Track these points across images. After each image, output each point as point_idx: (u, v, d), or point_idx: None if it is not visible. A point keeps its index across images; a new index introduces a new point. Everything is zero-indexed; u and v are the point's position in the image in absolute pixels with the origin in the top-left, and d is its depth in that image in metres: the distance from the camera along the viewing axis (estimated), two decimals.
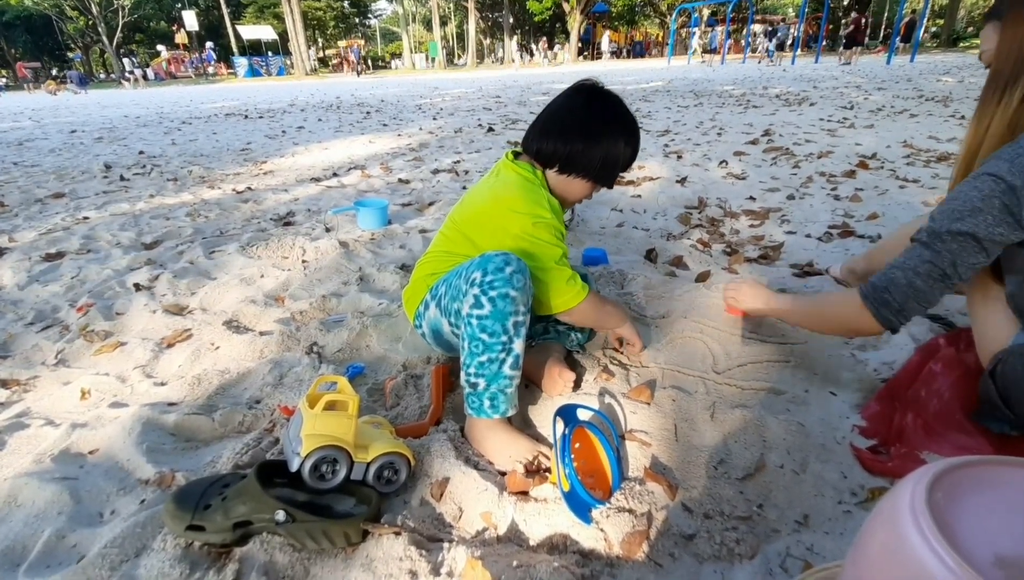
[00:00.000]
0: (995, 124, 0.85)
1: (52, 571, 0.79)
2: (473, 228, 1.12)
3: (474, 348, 0.95)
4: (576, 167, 1.10)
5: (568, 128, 1.09)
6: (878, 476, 0.91)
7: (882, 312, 0.89)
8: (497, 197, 1.10)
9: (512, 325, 0.94)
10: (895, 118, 4.80)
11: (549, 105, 1.14)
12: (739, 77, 11.76)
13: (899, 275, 0.87)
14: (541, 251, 1.04)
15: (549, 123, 1.11)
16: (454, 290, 1.02)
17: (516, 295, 0.94)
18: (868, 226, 2.12)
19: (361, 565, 0.77)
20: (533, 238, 1.04)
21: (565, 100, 1.13)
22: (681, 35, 31.40)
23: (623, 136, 1.10)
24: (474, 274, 0.96)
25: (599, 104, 1.11)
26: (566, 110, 1.11)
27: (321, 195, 3.05)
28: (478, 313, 0.94)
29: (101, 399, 1.23)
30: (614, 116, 1.11)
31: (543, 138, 1.10)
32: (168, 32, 38.79)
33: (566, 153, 1.08)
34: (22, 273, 1.98)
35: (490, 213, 1.10)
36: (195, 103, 11.25)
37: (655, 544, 0.79)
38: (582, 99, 1.11)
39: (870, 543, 0.50)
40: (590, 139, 1.08)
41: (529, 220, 1.04)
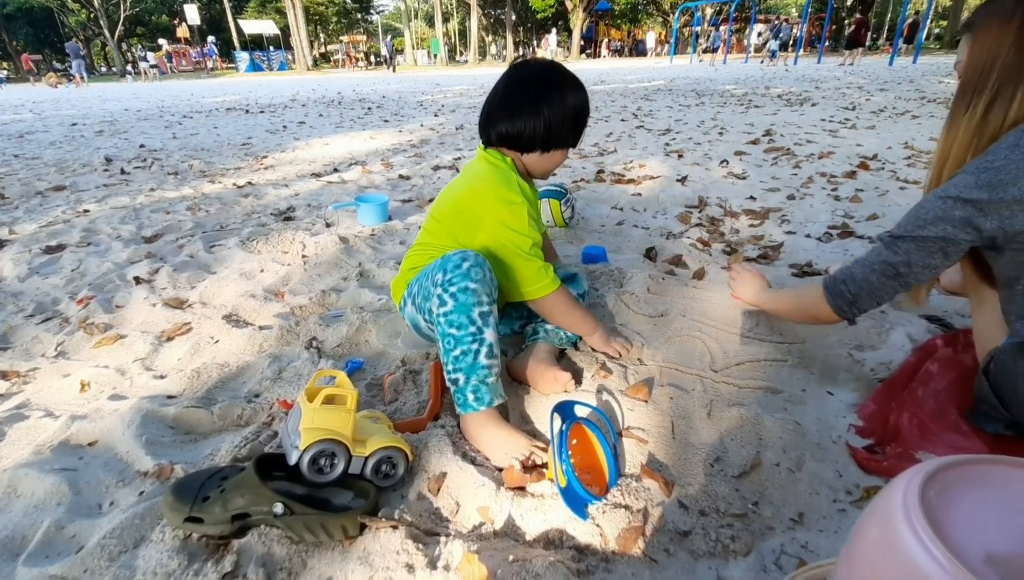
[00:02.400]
0: (962, 133, 0.89)
1: (51, 561, 0.79)
2: (451, 219, 1.17)
3: (447, 345, 0.99)
4: (554, 141, 1.15)
5: (533, 104, 1.11)
6: (873, 475, 0.91)
7: (837, 302, 0.97)
8: (471, 188, 1.14)
9: (478, 315, 0.97)
10: (897, 119, 4.80)
11: (498, 91, 1.16)
12: (741, 77, 11.74)
13: (857, 270, 0.95)
14: (514, 240, 1.08)
15: (510, 106, 1.13)
16: (425, 290, 1.07)
17: (476, 286, 0.98)
18: (868, 227, 2.13)
19: (358, 558, 0.77)
20: (506, 227, 1.08)
21: (515, 79, 1.15)
22: (683, 34, 31.34)
23: (576, 93, 1.14)
24: (436, 275, 1.01)
25: (546, 72, 1.14)
26: (520, 88, 1.14)
27: (321, 190, 3.05)
28: (443, 310, 0.98)
29: (101, 391, 1.23)
30: (561, 77, 1.14)
31: (511, 123, 1.13)
32: (169, 26, 38.70)
33: (544, 130, 1.12)
34: (22, 265, 1.99)
35: (466, 203, 1.14)
36: (196, 97, 11.24)
37: (651, 540, 0.79)
38: (528, 72, 1.15)
39: (863, 540, 0.50)
40: (555, 107, 1.11)
41: (503, 207, 1.08)
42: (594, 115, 5.90)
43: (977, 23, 0.88)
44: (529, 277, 1.10)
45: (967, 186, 0.82)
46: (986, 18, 0.86)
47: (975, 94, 0.86)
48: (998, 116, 0.84)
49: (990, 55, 0.84)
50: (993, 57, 0.84)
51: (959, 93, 0.90)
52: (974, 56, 0.87)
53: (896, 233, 0.91)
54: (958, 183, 0.84)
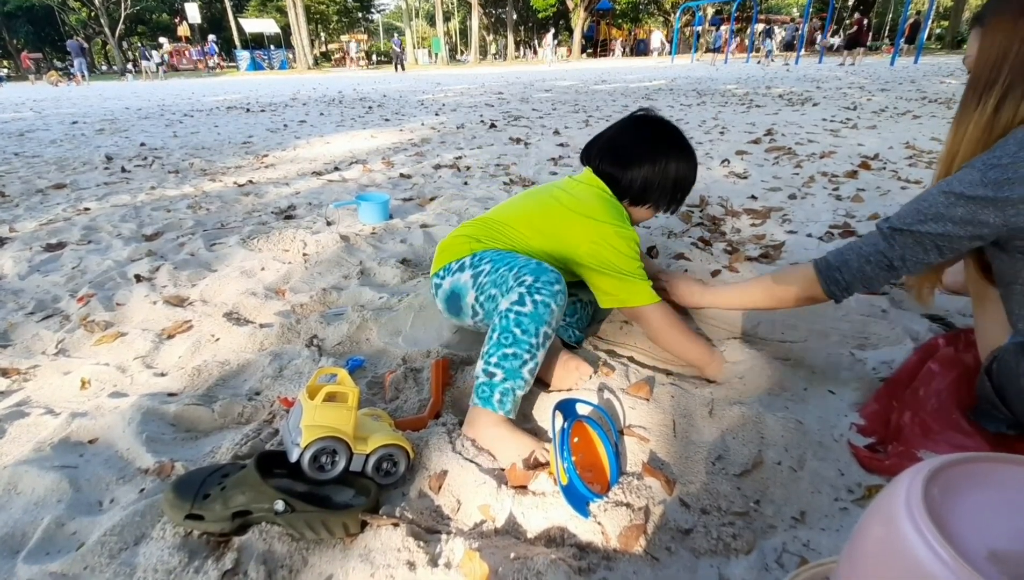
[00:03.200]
0: (972, 128, 0.87)
1: (52, 558, 0.79)
2: (543, 226, 1.16)
3: (503, 339, 0.97)
4: (646, 198, 1.19)
5: (637, 157, 1.16)
6: (875, 474, 0.91)
7: (830, 287, 0.97)
8: (580, 205, 1.15)
9: (543, 334, 0.97)
10: (898, 119, 4.79)
11: (613, 130, 1.22)
12: (742, 76, 11.74)
13: (852, 258, 0.95)
14: (619, 258, 1.10)
15: (616, 150, 1.19)
16: (499, 278, 1.05)
17: (555, 309, 0.98)
18: (869, 226, 2.12)
19: (359, 555, 0.77)
20: (613, 248, 1.10)
21: (630, 128, 1.21)
22: (684, 33, 31.33)
23: (686, 161, 1.19)
24: (526, 277, 1.00)
25: (662, 132, 1.20)
26: (632, 137, 1.19)
27: (322, 189, 3.05)
28: (519, 309, 0.97)
29: (101, 389, 1.23)
30: (677, 142, 1.19)
31: (614, 166, 1.18)
32: (170, 24, 38.71)
33: (639, 184, 1.17)
34: (23, 263, 1.99)
35: (569, 220, 1.14)
36: (196, 96, 11.23)
37: (652, 538, 0.79)
38: (648, 130, 1.20)
39: (866, 538, 0.50)
40: (658, 168, 1.16)
41: (611, 228, 1.11)
42: (595, 115, 5.90)
43: (988, 16, 0.86)
44: (633, 288, 1.11)
45: (972, 183, 0.81)
46: (998, 12, 0.85)
47: (986, 89, 0.85)
48: (1009, 112, 0.83)
49: (1001, 50, 0.83)
50: (1004, 52, 0.82)
51: (969, 88, 0.88)
52: (985, 51, 0.85)
53: (895, 225, 0.89)
54: (963, 179, 0.82)
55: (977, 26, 0.88)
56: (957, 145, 0.89)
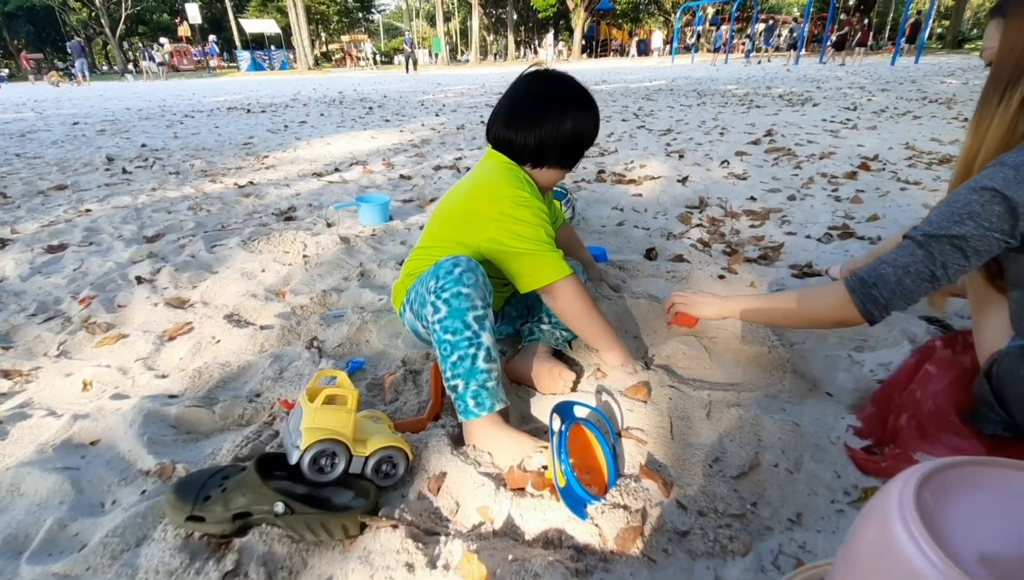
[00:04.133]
0: (995, 125, 0.83)
1: (54, 559, 0.80)
2: (456, 219, 1.15)
3: (444, 351, 0.97)
4: (545, 159, 1.13)
5: (530, 118, 1.10)
6: (872, 476, 0.91)
7: (868, 307, 0.89)
8: (478, 185, 1.13)
9: (472, 319, 0.96)
10: (898, 120, 4.79)
11: (507, 94, 1.16)
12: (742, 77, 11.73)
13: (889, 272, 0.87)
14: (522, 230, 1.05)
15: (510, 114, 1.13)
16: (420, 298, 1.05)
17: (469, 291, 0.96)
18: (868, 228, 2.13)
19: (359, 557, 0.78)
20: (513, 218, 1.05)
21: (521, 89, 1.15)
22: (685, 34, 31.32)
23: (585, 115, 1.12)
24: (429, 282, 1.00)
25: (555, 88, 1.13)
26: (524, 98, 1.13)
27: (322, 190, 3.06)
28: (438, 317, 0.97)
29: (103, 390, 1.24)
30: (573, 97, 1.12)
31: (508, 130, 1.12)
32: (171, 24, 38.73)
33: (534, 145, 1.11)
34: (24, 264, 1.99)
35: (472, 200, 1.12)
36: (197, 97, 11.24)
37: (649, 540, 0.80)
38: (538, 84, 1.14)
39: (860, 541, 0.50)
40: (553, 127, 1.10)
41: (508, 201, 1.06)
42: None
43: (1011, 7, 0.82)
44: (539, 263, 1.05)
45: (1007, 181, 0.76)
46: (1020, 3, 0.81)
47: (1010, 84, 0.81)
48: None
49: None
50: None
51: (991, 82, 0.84)
52: (1008, 43, 0.81)
53: (929, 232, 0.83)
54: (995, 176, 0.78)
55: (998, 17, 0.84)
56: (979, 142, 0.85)
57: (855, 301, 0.90)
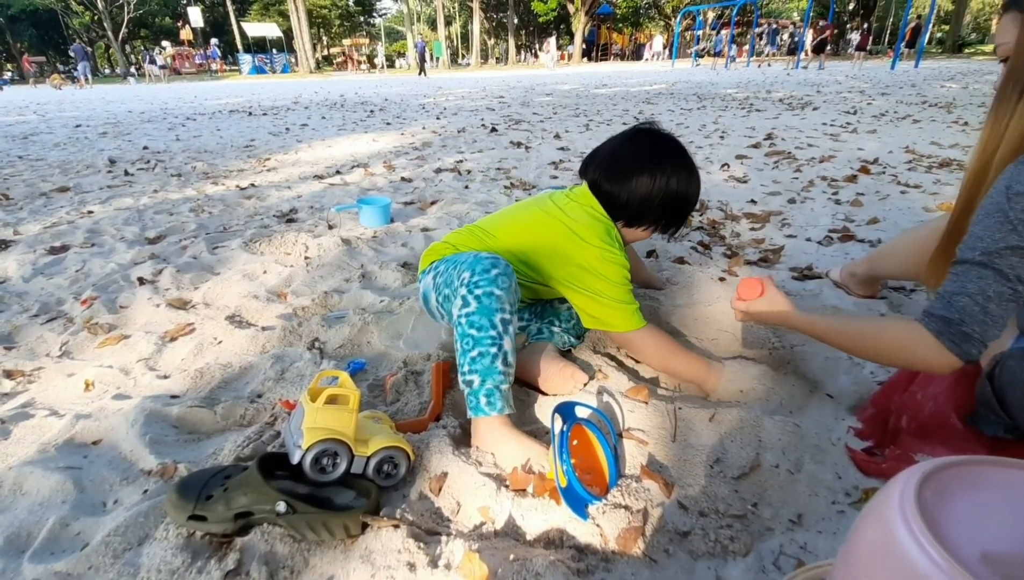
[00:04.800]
0: (1014, 124, 0.79)
1: (56, 558, 0.80)
2: (529, 239, 1.13)
3: (465, 345, 0.97)
4: (644, 220, 1.13)
5: (633, 177, 1.09)
6: (872, 477, 0.91)
7: (965, 348, 0.79)
8: (571, 225, 1.10)
9: (499, 321, 0.96)
10: (898, 123, 4.80)
11: (612, 147, 1.15)
12: (743, 80, 11.76)
13: (968, 303, 0.78)
14: (603, 285, 1.07)
15: (612, 167, 1.11)
16: (447, 277, 1.05)
17: (501, 294, 0.97)
18: (869, 230, 2.13)
19: (360, 557, 0.78)
20: (597, 271, 1.07)
21: (630, 144, 1.14)
22: (685, 38, 31.41)
23: (689, 179, 1.11)
24: (464, 273, 0.99)
25: (663, 149, 1.12)
26: (630, 155, 1.12)
27: (324, 192, 3.07)
28: (466, 312, 0.97)
29: (105, 391, 1.24)
30: (678, 159, 1.11)
31: (611, 184, 1.11)
32: (173, 28, 38.88)
33: (636, 205, 1.10)
34: (27, 266, 2.00)
35: (555, 235, 1.11)
36: (199, 99, 11.28)
37: (650, 540, 0.80)
38: (647, 145, 1.12)
39: (860, 540, 0.51)
40: (659, 189, 1.08)
41: (598, 252, 1.07)
42: (596, 119, 5.91)
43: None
44: (615, 315, 1.08)
45: None
46: None
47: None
48: None
49: None
50: None
51: (1008, 79, 0.80)
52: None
53: (986, 248, 0.76)
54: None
55: (1013, 11, 0.82)
56: (996, 141, 0.81)
57: (948, 345, 0.80)
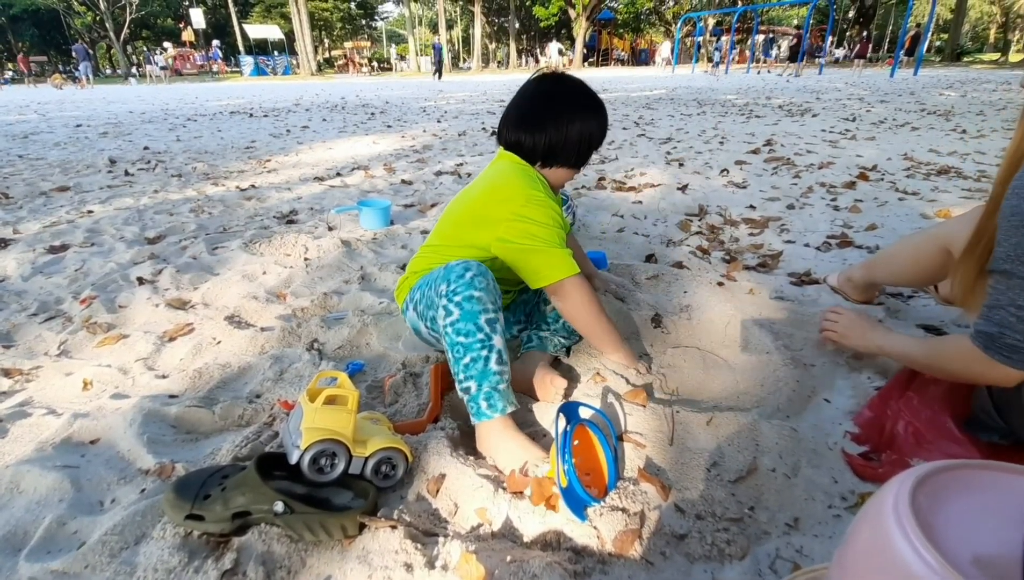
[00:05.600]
0: None
1: (53, 557, 0.80)
2: (467, 218, 1.17)
3: (456, 354, 0.97)
4: (555, 158, 1.17)
5: (540, 120, 1.14)
6: (869, 482, 0.92)
7: (1016, 358, 0.80)
8: (491, 185, 1.15)
9: (485, 322, 0.97)
10: (897, 131, 4.82)
11: (516, 97, 1.19)
12: (743, 87, 11.81)
13: (1006, 315, 0.79)
14: (535, 229, 1.07)
15: (520, 116, 1.16)
16: (427, 299, 1.06)
17: (480, 295, 0.97)
18: (867, 237, 2.14)
19: (357, 557, 0.78)
20: (526, 217, 1.08)
21: (531, 91, 1.18)
22: (686, 44, 31.54)
23: (593, 117, 1.17)
24: (440, 286, 1.00)
25: (564, 90, 1.17)
26: (533, 100, 1.17)
27: (324, 194, 3.07)
28: (450, 321, 0.97)
29: (103, 390, 1.24)
30: (581, 99, 1.16)
31: (518, 132, 1.16)
32: (175, 29, 38.97)
33: (544, 145, 1.14)
34: (26, 264, 2.00)
35: (483, 201, 1.15)
36: (200, 100, 11.30)
37: (647, 543, 0.80)
38: (546, 87, 1.17)
39: (855, 543, 0.51)
40: (562, 127, 1.13)
41: (522, 200, 1.08)
42: None
43: None
44: (548, 261, 1.07)
45: None
46: None
47: None
48: None
49: None
50: None
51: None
52: None
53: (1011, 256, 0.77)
54: None
55: None
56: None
57: (996, 358, 0.82)
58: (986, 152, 3.73)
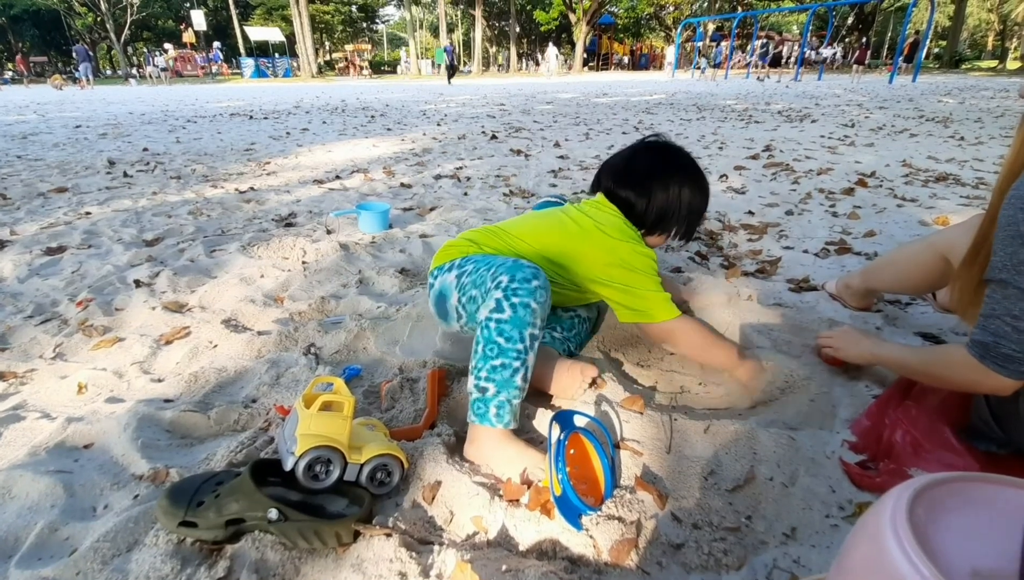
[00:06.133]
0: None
1: (44, 563, 0.79)
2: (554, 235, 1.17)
3: (488, 351, 0.95)
4: (661, 225, 1.20)
5: (649, 185, 1.17)
6: (866, 491, 0.91)
7: (1011, 368, 0.81)
8: (595, 220, 1.15)
9: (528, 336, 0.96)
10: (895, 137, 4.84)
11: (625, 158, 1.23)
12: (742, 92, 11.85)
13: (1001, 324, 0.80)
14: (636, 278, 1.12)
15: (631, 178, 1.19)
16: (478, 278, 1.04)
17: (536, 308, 0.96)
18: (865, 243, 2.14)
19: (351, 565, 0.77)
20: (629, 265, 1.11)
21: (643, 156, 1.22)
22: (685, 49, 31.66)
23: (699, 189, 1.22)
24: (501, 277, 0.98)
25: (676, 161, 1.21)
26: (646, 166, 1.20)
27: (323, 197, 3.07)
28: (498, 317, 0.95)
29: (98, 394, 1.23)
30: (690, 171, 1.21)
31: (627, 192, 1.18)
32: (176, 31, 39.02)
33: (652, 213, 1.18)
34: (23, 266, 1.99)
35: (581, 231, 1.15)
36: (200, 102, 11.30)
37: (644, 552, 0.79)
38: (660, 158, 1.21)
39: (852, 556, 0.50)
40: (671, 196, 1.18)
41: (628, 246, 1.12)
42: (596, 128, 5.94)
43: None
44: (654, 304, 1.12)
45: None
46: None
47: None
48: None
49: None
50: None
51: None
52: None
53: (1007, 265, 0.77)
54: None
55: None
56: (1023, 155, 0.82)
57: (991, 368, 0.83)
58: (984, 159, 3.74)
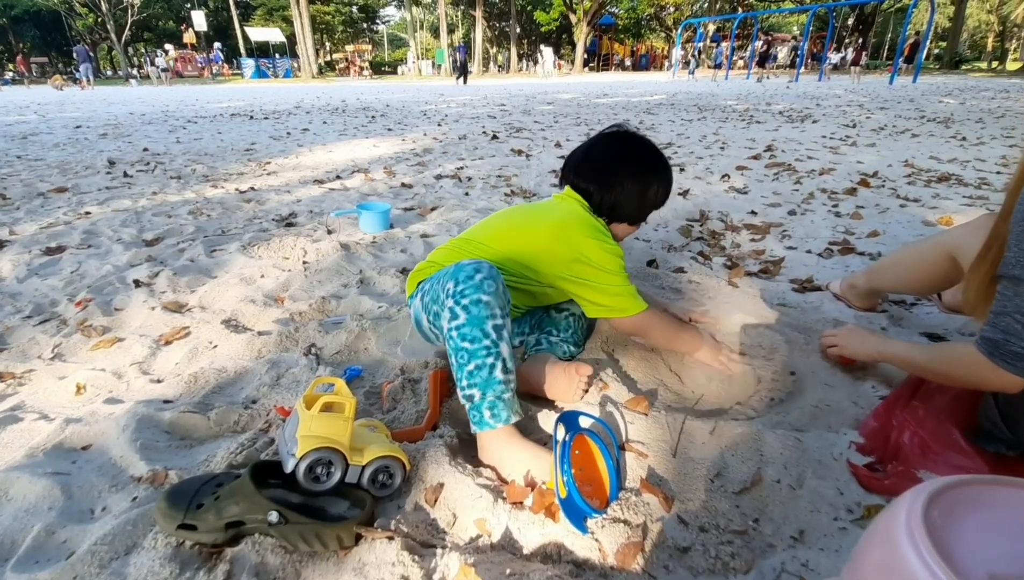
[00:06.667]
0: None
1: (41, 567, 0.78)
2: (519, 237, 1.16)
3: (460, 359, 0.95)
4: (618, 216, 1.21)
5: (609, 177, 1.18)
6: (874, 493, 0.90)
7: (1020, 366, 0.80)
8: (562, 223, 1.15)
9: (492, 328, 0.94)
10: (897, 137, 4.83)
11: (587, 147, 1.24)
12: (743, 92, 11.84)
13: (1011, 322, 0.80)
14: (604, 276, 1.11)
15: (592, 170, 1.20)
16: (434, 294, 1.04)
17: (489, 299, 0.94)
18: (868, 243, 2.13)
19: (353, 569, 0.76)
20: (596, 263, 1.11)
21: (604, 147, 1.23)
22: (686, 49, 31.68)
23: (658, 181, 1.21)
24: (448, 284, 0.97)
25: (635, 152, 1.22)
26: (606, 158, 1.21)
27: (324, 197, 3.06)
28: (456, 324, 0.95)
29: (96, 394, 1.22)
30: (649, 161, 1.22)
31: (587, 183, 1.20)
32: (176, 31, 39.05)
33: (611, 202, 1.19)
34: (22, 266, 1.98)
35: (548, 235, 1.14)
36: (201, 102, 11.30)
37: (650, 556, 0.78)
38: (618, 148, 1.22)
39: (866, 560, 0.49)
40: (629, 189, 1.18)
41: (595, 244, 1.11)
42: (596, 128, 5.93)
43: None
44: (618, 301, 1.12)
45: None
46: None
47: None
48: None
49: None
50: None
51: None
52: None
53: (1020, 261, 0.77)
54: None
55: None
56: None
57: (1000, 365, 0.82)
58: (986, 159, 3.73)
